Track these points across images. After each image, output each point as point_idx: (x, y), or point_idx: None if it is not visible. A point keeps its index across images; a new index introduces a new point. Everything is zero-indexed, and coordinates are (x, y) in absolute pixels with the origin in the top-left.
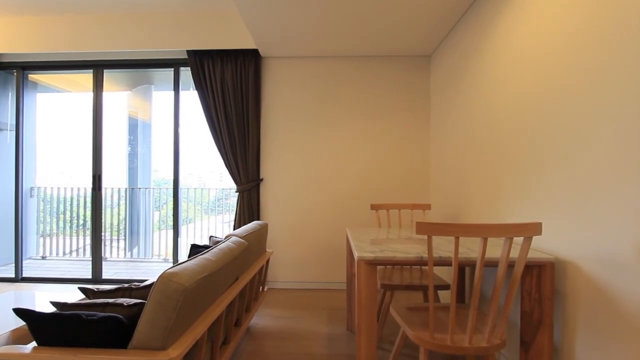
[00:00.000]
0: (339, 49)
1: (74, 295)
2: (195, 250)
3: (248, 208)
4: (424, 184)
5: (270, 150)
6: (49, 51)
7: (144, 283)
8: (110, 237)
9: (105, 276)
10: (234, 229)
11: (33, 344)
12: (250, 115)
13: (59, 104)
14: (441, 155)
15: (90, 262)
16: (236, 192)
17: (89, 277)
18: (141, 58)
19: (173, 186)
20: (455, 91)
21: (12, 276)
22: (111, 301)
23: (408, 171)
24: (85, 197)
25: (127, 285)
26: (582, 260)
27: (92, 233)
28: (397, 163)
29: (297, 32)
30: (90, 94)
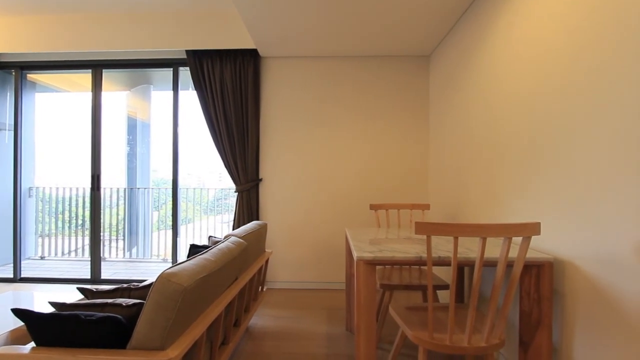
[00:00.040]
0: (339, 49)
1: (73, 295)
2: (194, 250)
3: (247, 208)
4: (423, 184)
5: (269, 150)
6: (48, 51)
7: (143, 283)
8: (109, 237)
9: (104, 276)
10: (233, 229)
11: (32, 345)
12: (249, 115)
13: (58, 104)
14: (440, 155)
15: (89, 263)
16: (235, 192)
17: (88, 278)
18: (140, 58)
19: (172, 186)
20: (454, 91)
21: (11, 276)
22: (110, 301)
23: (407, 171)
24: (84, 197)
25: (126, 285)
26: (581, 260)
27: (91, 233)
28: (397, 163)
29: (296, 32)
30: (89, 94)
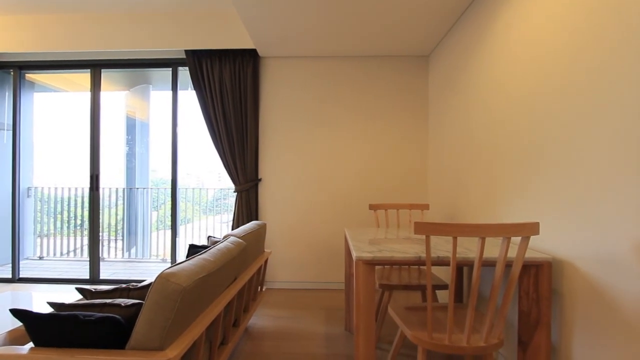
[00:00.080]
0: (338, 49)
1: (72, 295)
2: (193, 250)
3: (246, 208)
4: (423, 184)
5: (268, 150)
6: (47, 51)
7: (142, 283)
8: (108, 238)
9: (102, 276)
10: (232, 229)
11: (30, 345)
12: (248, 115)
13: (56, 104)
14: (439, 155)
15: (87, 263)
16: (234, 192)
17: (87, 278)
18: (139, 58)
19: (171, 186)
20: (453, 91)
21: (9, 277)
22: (109, 302)
23: (407, 171)
24: (82, 197)
25: (125, 285)
26: (579, 260)
27: (90, 233)
28: (396, 163)
29: (296, 33)
30: (87, 94)
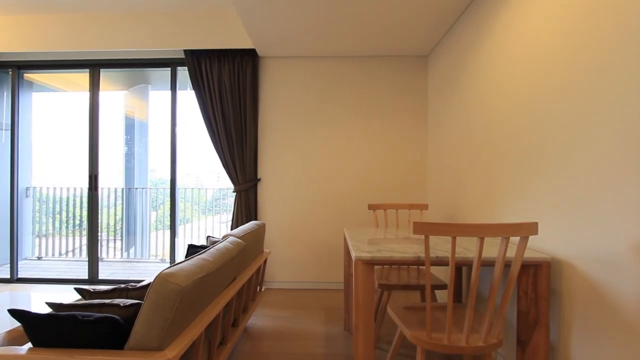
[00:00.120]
0: (338, 49)
1: (70, 296)
2: (192, 250)
3: (245, 208)
4: (422, 184)
5: (267, 150)
6: (45, 50)
7: (141, 283)
8: (106, 238)
9: (101, 277)
10: (232, 229)
11: (29, 345)
12: (247, 115)
13: (55, 104)
14: (439, 155)
15: (86, 263)
16: (234, 192)
17: (85, 278)
18: (138, 57)
19: (170, 186)
20: (452, 91)
21: (8, 277)
22: (107, 302)
23: (406, 171)
24: (81, 197)
25: (124, 285)
26: (578, 259)
27: (89, 233)
28: (395, 163)
29: (295, 33)
30: (86, 94)
